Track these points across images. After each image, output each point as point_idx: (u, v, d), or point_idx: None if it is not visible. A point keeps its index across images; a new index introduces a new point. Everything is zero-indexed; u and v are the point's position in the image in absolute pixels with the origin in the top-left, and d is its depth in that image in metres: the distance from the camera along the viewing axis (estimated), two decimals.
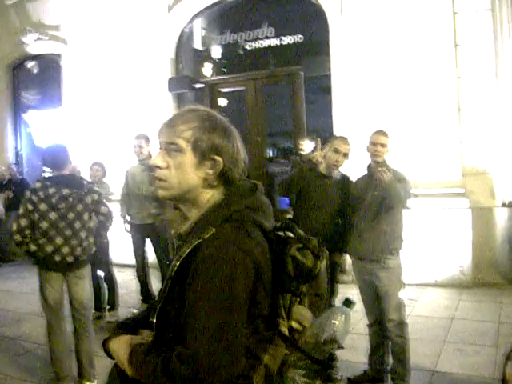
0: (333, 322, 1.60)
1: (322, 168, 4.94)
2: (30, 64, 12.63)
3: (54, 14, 11.29)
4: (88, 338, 4.78)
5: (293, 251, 1.65)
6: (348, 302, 1.66)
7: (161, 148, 1.70)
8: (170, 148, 1.65)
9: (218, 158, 1.64)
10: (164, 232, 7.07)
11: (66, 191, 4.52)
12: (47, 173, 4.94)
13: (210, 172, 1.64)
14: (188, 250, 1.53)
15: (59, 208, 4.49)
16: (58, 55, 11.47)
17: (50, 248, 4.46)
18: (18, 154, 12.52)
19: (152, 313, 1.66)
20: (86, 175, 7.72)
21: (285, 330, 1.62)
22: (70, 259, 4.52)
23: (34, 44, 11.69)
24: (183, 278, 1.53)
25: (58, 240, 4.47)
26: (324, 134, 9.59)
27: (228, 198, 1.64)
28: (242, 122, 9.56)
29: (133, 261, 7.39)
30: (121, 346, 1.71)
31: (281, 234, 1.71)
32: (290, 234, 1.70)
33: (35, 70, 12.72)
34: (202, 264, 1.48)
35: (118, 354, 1.71)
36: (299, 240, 1.69)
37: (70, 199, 4.54)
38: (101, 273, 7.21)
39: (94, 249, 4.79)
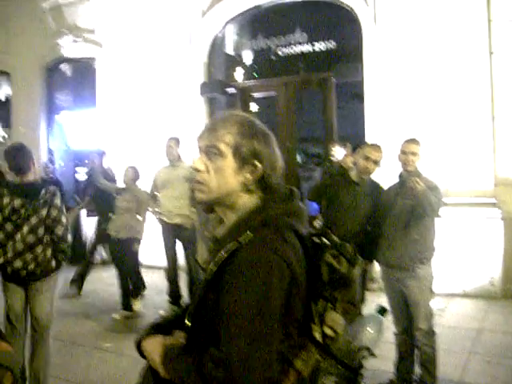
0: (367, 329, 1.61)
1: (353, 175, 4.93)
2: (64, 66, 12.83)
3: (89, 18, 11.47)
4: (39, 356, 4.54)
5: (328, 257, 1.66)
6: (382, 310, 1.66)
7: (201, 152, 1.72)
8: (211, 152, 1.67)
9: (257, 163, 1.66)
10: (193, 233, 7.12)
11: (17, 202, 4.27)
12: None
13: (249, 177, 1.66)
14: (225, 255, 1.55)
15: (12, 220, 4.27)
16: (93, 58, 11.63)
17: (1, 259, 4.28)
18: (51, 154, 12.70)
19: (186, 315, 1.68)
20: (119, 177, 7.85)
21: (318, 336, 1.62)
22: (23, 273, 4.29)
23: (69, 47, 11.87)
24: (219, 282, 1.54)
25: (10, 253, 4.26)
26: (355, 141, 9.58)
27: (265, 203, 1.66)
28: (273, 127, 9.54)
29: (161, 262, 7.43)
30: (154, 346, 1.73)
31: (316, 240, 1.72)
32: (326, 241, 1.72)
33: (70, 72, 12.92)
34: (238, 269, 1.49)
35: (151, 354, 1.73)
36: (334, 247, 1.70)
37: (22, 211, 4.27)
38: (128, 273, 7.33)
39: (53, 263, 4.45)
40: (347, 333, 1.67)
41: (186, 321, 1.66)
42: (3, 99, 13.85)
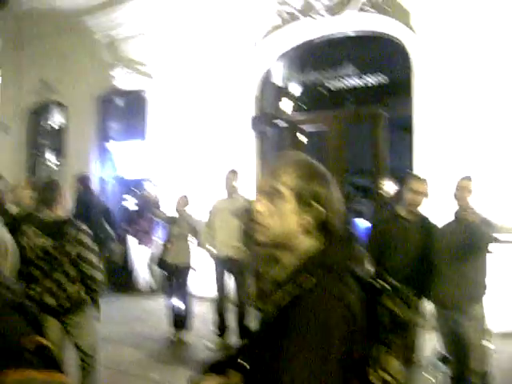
0: (426, 376, 1.59)
1: (401, 210, 4.88)
2: (116, 97, 13.16)
3: (141, 51, 11.78)
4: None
5: (385, 300, 1.65)
6: (445, 359, 1.64)
7: (262, 194, 1.73)
8: (272, 194, 1.69)
9: (318, 205, 1.67)
10: (246, 267, 7.14)
11: (47, 243, 4.35)
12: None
13: (311, 220, 1.67)
14: (287, 299, 1.55)
15: (44, 259, 4.35)
16: (144, 90, 11.92)
17: (36, 296, 4.30)
18: (101, 183, 12.97)
19: (243, 355, 1.69)
20: (168, 206, 7.98)
21: (375, 381, 1.61)
22: (57, 308, 4.35)
23: (121, 78, 12.18)
24: (279, 326, 1.55)
25: (43, 289, 4.32)
26: (403, 175, 9.50)
27: (327, 247, 1.66)
28: (323, 161, 9.51)
29: (211, 293, 7.47)
30: None
31: (375, 283, 1.72)
32: (383, 284, 1.71)
33: (121, 103, 13.24)
34: (300, 314, 1.50)
35: None
36: (393, 290, 1.69)
37: (52, 251, 4.35)
38: (178, 302, 7.42)
39: (87, 298, 4.50)
40: (404, 378, 1.65)
41: (243, 362, 1.67)
42: (58, 129, 14.26)
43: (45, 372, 2.06)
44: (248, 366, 1.68)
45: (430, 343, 2.63)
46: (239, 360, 1.70)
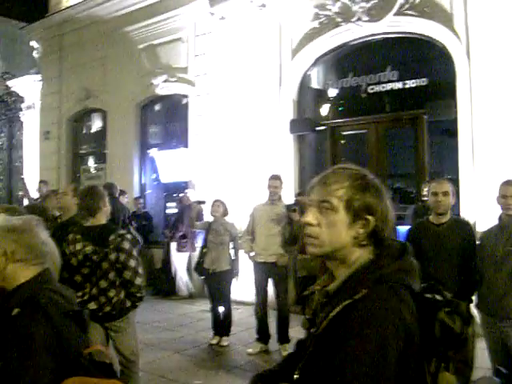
0: None
1: (431, 217, 4.76)
2: (157, 104, 13.31)
3: (182, 57, 11.91)
4: None
5: (441, 315, 1.61)
6: (501, 374, 1.60)
7: (312, 205, 1.72)
8: (323, 206, 1.68)
9: (369, 217, 1.65)
10: (286, 272, 7.13)
11: (89, 249, 4.42)
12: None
13: (361, 231, 1.65)
14: (338, 310, 1.53)
15: (86, 265, 4.43)
16: (184, 96, 12.02)
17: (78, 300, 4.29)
18: (142, 188, 13.11)
19: (295, 367, 1.67)
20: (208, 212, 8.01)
21: None
22: (99, 314, 4.40)
23: (162, 85, 12.30)
24: (330, 336, 1.53)
25: (86, 295, 4.41)
26: (448, 179, 9.34)
27: (379, 258, 1.64)
28: (363, 165, 9.45)
29: (250, 298, 7.46)
30: None
31: (429, 296, 1.68)
32: (438, 297, 1.67)
33: (162, 110, 13.38)
34: (354, 327, 1.48)
35: None
36: (448, 303, 1.65)
37: (94, 257, 4.40)
38: (219, 308, 7.44)
39: (128, 304, 4.54)
40: None
41: (294, 373, 1.65)
42: (99, 135, 14.48)
43: (103, 379, 2.09)
44: (297, 377, 1.65)
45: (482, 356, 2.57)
46: (290, 372, 1.68)
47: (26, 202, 12.41)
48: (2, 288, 2.27)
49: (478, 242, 4.64)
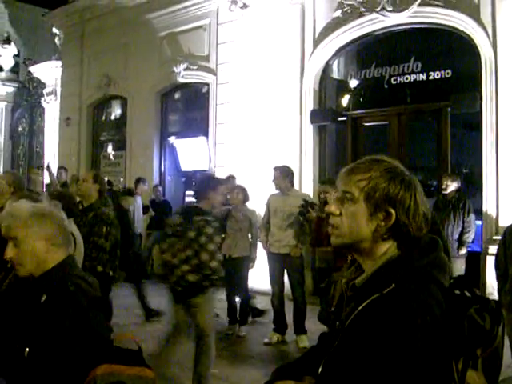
0: None
1: None
2: (177, 92, 13.29)
3: (203, 45, 11.86)
4: (202, 361, 5.02)
5: (471, 313, 1.57)
6: None
7: (336, 195, 1.70)
8: (345, 196, 1.64)
9: (391, 209, 1.59)
10: (301, 264, 7.09)
11: (178, 220, 4.92)
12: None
13: (382, 224, 1.60)
14: (365, 304, 1.50)
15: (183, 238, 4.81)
16: (205, 84, 11.99)
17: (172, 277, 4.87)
18: (161, 176, 13.13)
19: (319, 361, 1.64)
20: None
21: None
22: (178, 288, 4.85)
23: (183, 73, 12.26)
24: (357, 331, 1.50)
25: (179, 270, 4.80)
26: (470, 172, 9.25)
27: (408, 252, 1.59)
28: None
29: (268, 287, 7.44)
30: None
31: (457, 292, 1.63)
32: (468, 294, 1.62)
33: (182, 98, 13.37)
34: (381, 321, 1.44)
35: None
36: (477, 300, 1.60)
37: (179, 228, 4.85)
38: (236, 296, 7.45)
39: (204, 283, 4.86)
40: None
41: (320, 368, 1.62)
42: (119, 122, 14.52)
43: (132, 367, 2.08)
44: (321, 371, 1.62)
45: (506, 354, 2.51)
46: (315, 365, 1.65)
47: (45, 188, 12.50)
48: (29, 274, 2.26)
49: (500, 237, 4.57)
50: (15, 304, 2.26)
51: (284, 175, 7.20)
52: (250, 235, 7.56)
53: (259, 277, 8.35)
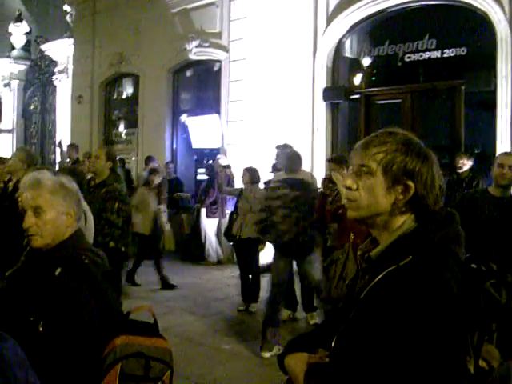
0: None
1: (491, 189, 4.66)
2: (189, 69, 13.23)
3: (216, 22, 11.76)
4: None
5: (488, 287, 1.56)
6: None
7: (353, 169, 1.68)
8: (362, 170, 1.63)
9: (409, 182, 1.58)
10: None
11: (294, 193, 5.54)
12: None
13: (401, 197, 1.59)
14: (381, 276, 1.49)
15: (287, 207, 5.51)
16: (217, 61, 11.93)
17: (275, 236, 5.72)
18: (173, 154, 13.13)
19: (332, 334, 1.64)
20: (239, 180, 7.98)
21: (471, 369, 1.52)
22: (293, 246, 5.59)
23: (194, 50, 12.19)
24: (372, 304, 1.49)
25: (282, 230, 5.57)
26: (483, 151, 9.16)
27: (425, 225, 1.58)
28: None
29: None
30: (297, 363, 1.72)
31: (477, 267, 1.62)
32: (485, 268, 1.61)
33: (194, 75, 13.31)
34: (397, 293, 1.43)
35: (293, 371, 1.72)
36: (493, 274, 1.59)
37: (300, 200, 5.53)
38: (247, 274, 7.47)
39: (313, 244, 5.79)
40: (504, 368, 1.56)
41: (333, 341, 1.62)
42: (131, 100, 14.49)
43: (150, 337, 2.10)
44: (334, 343, 1.62)
45: None
46: (328, 338, 1.65)
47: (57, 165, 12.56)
48: (45, 245, 2.24)
49: None
50: (28, 276, 2.25)
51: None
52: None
53: (269, 255, 8.36)
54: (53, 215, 2.23)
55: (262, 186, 7.49)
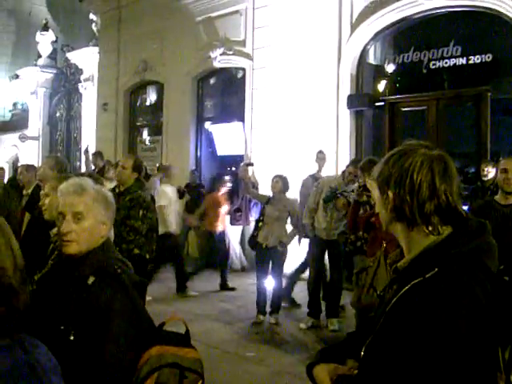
0: None
1: (497, 197, 4.55)
2: (213, 77, 13.29)
3: (240, 30, 11.81)
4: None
5: None
6: None
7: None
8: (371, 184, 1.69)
9: (389, 191, 1.59)
10: (343, 249, 7.06)
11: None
12: None
13: (389, 207, 1.61)
14: (406, 288, 1.49)
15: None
16: (242, 69, 11.97)
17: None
18: (197, 161, 13.18)
19: (361, 344, 1.64)
20: (266, 188, 7.94)
21: None
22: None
23: (219, 58, 12.25)
24: (399, 316, 1.48)
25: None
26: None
27: (455, 236, 1.56)
28: None
29: (304, 274, 7.43)
30: (325, 374, 1.72)
31: (506, 278, 1.60)
32: None
33: (219, 83, 13.37)
34: (423, 306, 1.43)
35: (321, 381, 1.72)
36: None
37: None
38: (271, 283, 7.43)
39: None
40: None
41: (362, 352, 1.62)
42: (156, 108, 14.60)
43: (182, 348, 2.11)
44: (363, 354, 1.62)
45: None
46: (357, 349, 1.65)
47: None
48: (78, 252, 2.23)
49: None
50: (57, 282, 2.24)
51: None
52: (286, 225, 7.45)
53: (289, 263, 8.34)
54: (91, 223, 2.23)
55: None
